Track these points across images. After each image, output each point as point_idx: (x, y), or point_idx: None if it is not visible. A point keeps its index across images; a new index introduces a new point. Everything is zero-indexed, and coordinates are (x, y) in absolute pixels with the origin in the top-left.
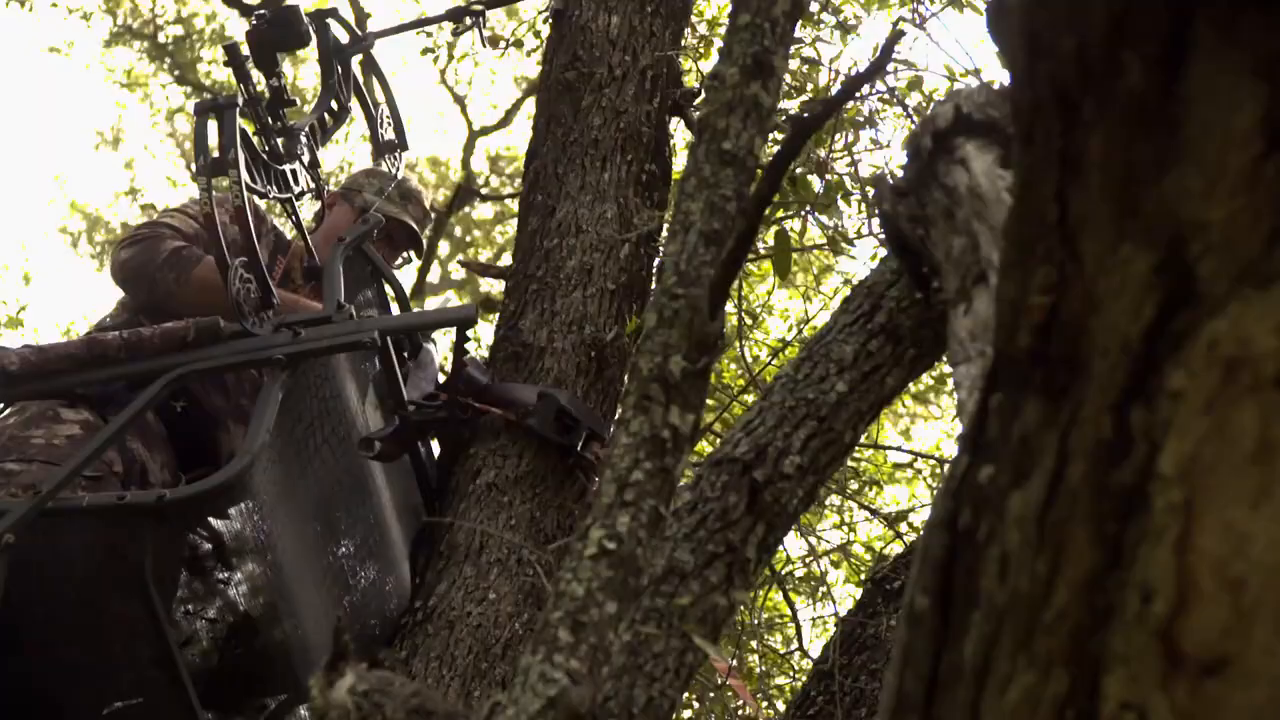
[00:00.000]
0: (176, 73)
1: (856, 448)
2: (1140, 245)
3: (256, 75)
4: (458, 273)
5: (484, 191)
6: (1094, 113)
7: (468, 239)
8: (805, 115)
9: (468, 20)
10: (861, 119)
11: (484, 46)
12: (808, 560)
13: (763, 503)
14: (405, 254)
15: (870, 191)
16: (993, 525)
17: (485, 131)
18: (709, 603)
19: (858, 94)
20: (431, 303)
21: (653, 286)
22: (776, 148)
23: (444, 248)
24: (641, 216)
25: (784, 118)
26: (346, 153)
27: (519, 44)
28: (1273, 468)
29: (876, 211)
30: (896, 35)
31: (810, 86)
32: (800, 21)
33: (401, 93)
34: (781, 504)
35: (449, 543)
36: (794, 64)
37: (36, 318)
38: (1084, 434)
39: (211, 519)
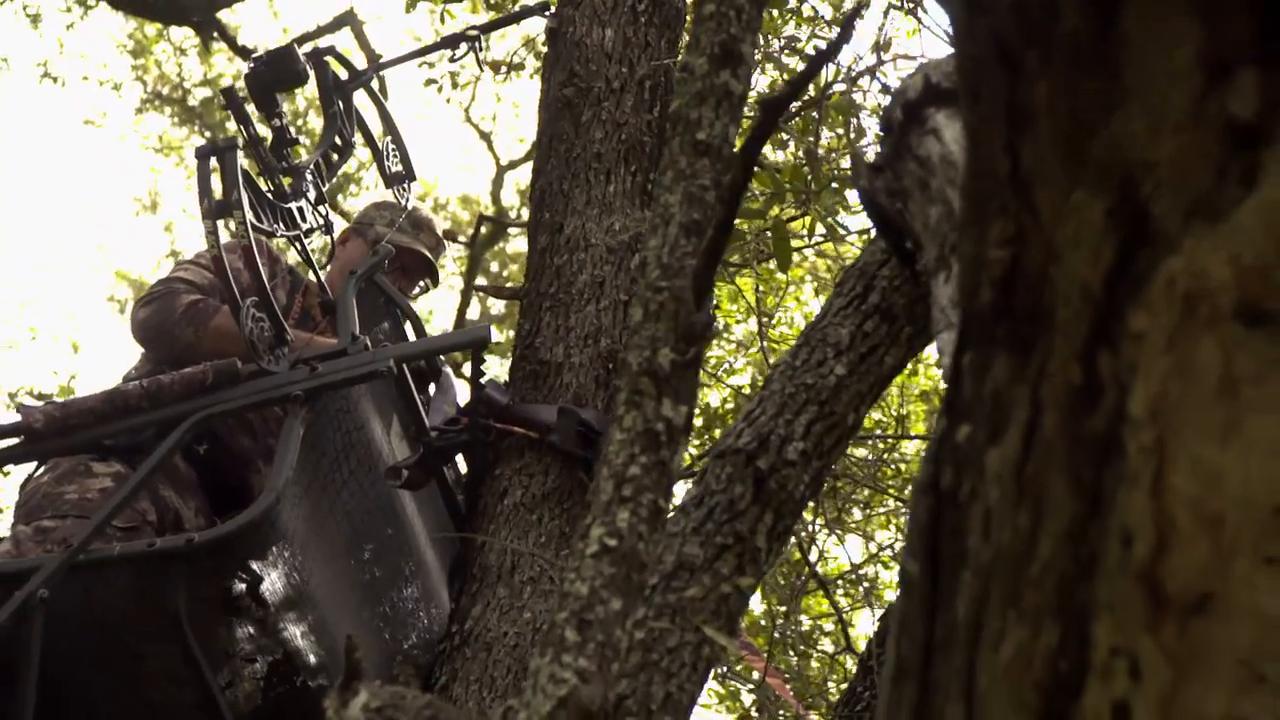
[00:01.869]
0: (207, 134)
1: (910, 446)
2: (1093, 191)
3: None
4: (496, 307)
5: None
6: (1036, 63)
7: (504, 273)
8: (771, 97)
9: (463, 46)
10: (864, 110)
11: (482, 71)
12: (859, 565)
13: (769, 491)
14: (422, 283)
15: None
16: (974, 484)
17: (513, 165)
18: (721, 594)
19: (858, 86)
20: None
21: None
22: (784, 138)
23: (481, 283)
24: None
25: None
26: (375, 197)
27: (521, 67)
28: (1238, 401)
29: (855, 190)
30: (855, 10)
31: (812, 85)
32: (796, 21)
33: (428, 133)
34: (788, 491)
35: (481, 565)
36: (793, 61)
37: (87, 386)
38: (1054, 384)
39: (242, 558)
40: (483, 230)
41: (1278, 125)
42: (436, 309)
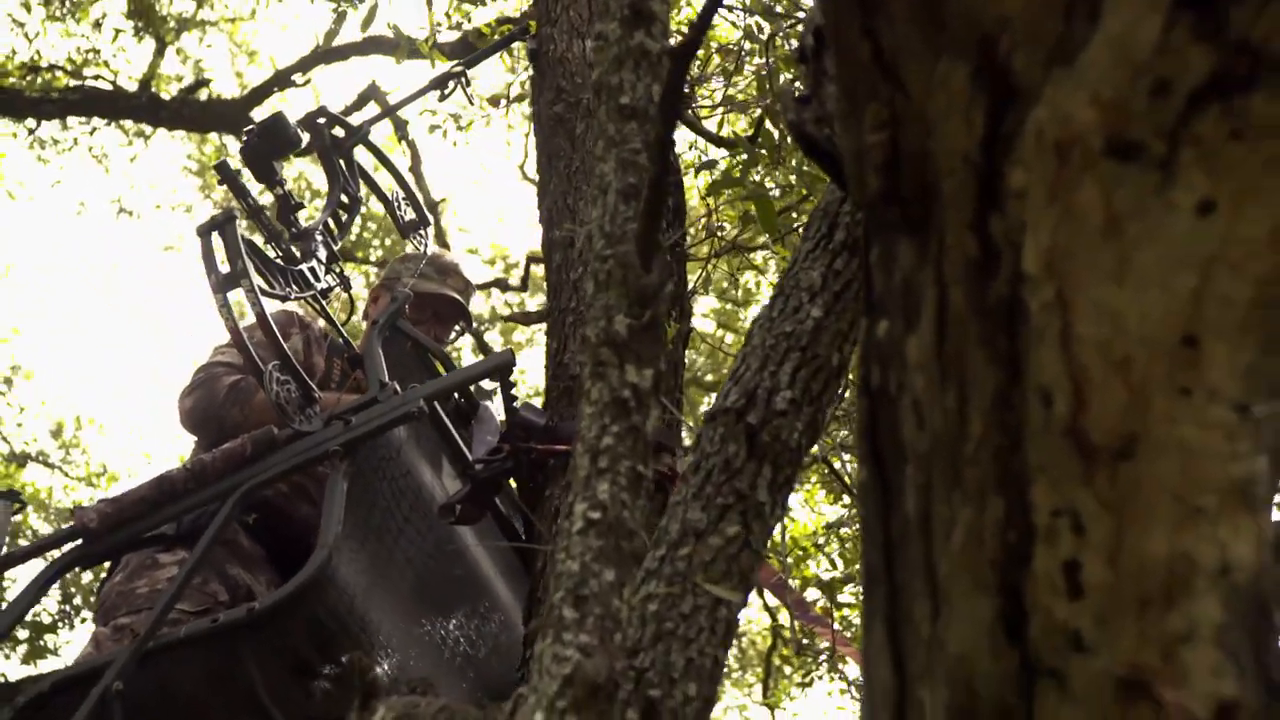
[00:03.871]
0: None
1: None
2: (955, 57)
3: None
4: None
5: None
6: None
7: None
8: (677, 45)
9: (450, 84)
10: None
11: (470, 104)
12: None
13: (763, 444)
14: (457, 326)
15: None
16: (900, 377)
17: None
18: (729, 554)
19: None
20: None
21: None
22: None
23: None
24: None
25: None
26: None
27: (521, 99)
28: (1124, 239)
29: (786, 124)
30: None
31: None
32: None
33: (485, 194)
34: (782, 441)
35: (542, 586)
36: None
37: None
38: (953, 259)
39: (306, 619)
40: (531, 270)
41: None
42: (529, 367)
